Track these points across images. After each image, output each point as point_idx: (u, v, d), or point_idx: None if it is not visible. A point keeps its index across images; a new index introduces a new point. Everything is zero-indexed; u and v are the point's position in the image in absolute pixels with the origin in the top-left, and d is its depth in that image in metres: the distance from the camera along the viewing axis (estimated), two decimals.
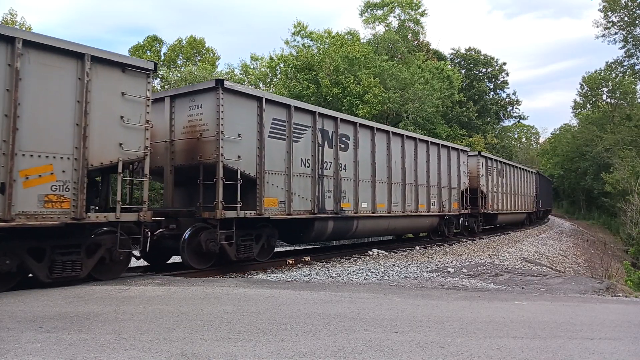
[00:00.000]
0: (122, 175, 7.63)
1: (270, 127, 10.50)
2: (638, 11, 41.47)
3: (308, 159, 11.50)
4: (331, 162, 12.22)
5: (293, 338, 4.40)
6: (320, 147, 11.85)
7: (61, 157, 6.97)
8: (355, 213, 12.88)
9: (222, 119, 9.25)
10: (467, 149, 20.85)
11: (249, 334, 4.49)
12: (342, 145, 12.69)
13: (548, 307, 6.57)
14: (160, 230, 9.21)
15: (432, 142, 17.43)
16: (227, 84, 9.42)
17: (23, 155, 6.60)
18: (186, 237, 9.12)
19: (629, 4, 41.53)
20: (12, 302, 5.81)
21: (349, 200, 12.75)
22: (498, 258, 14.37)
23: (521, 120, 62.79)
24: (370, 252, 13.99)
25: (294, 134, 11.08)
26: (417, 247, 15.98)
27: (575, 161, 54.14)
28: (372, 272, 10.10)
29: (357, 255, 13.49)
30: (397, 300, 6.59)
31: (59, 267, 7.09)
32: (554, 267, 15.83)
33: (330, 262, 12.00)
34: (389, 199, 14.46)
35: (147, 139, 7.99)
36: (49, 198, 6.82)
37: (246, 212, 9.70)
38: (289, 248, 15.66)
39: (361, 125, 13.55)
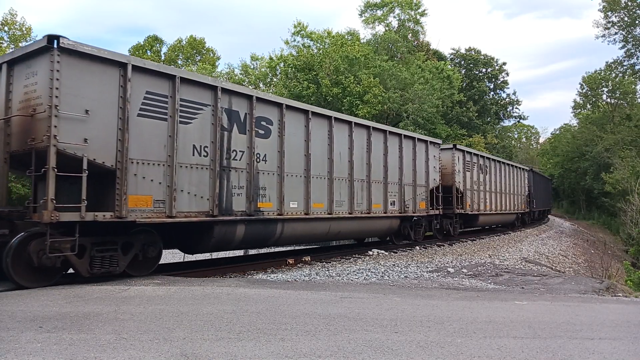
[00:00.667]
0: None
1: (143, 102, 8.08)
2: (638, 11, 41.51)
3: (206, 147, 9.12)
4: (243, 152, 9.85)
5: (293, 338, 4.40)
6: (225, 132, 9.48)
7: None
8: (279, 214, 10.59)
9: (56, 88, 6.99)
10: (438, 141, 18.02)
11: (249, 334, 4.49)
12: (261, 131, 10.30)
13: (548, 307, 6.57)
14: None
15: (391, 132, 14.88)
16: (65, 42, 7.09)
17: None
18: (13, 245, 6.95)
19: (629, 4, 41.58)
20: (12, 302, 5.81)
21: (271, 198, 10.44)
22: (498, 258, 14.37)
23: (521, 120, 62.90)
24: (370, 252, 13.99)
25: (183, 114, 8.70)
26: (417, 247, 15.98)
27: (575, 161, 54.20)
28: (372, 272, 10.10)
29: (357, 255, 13.49)
30: (397, 300, 6.59)
31: None
32: (554, 267, 15.84)
33: (330, 262, 12.00)
34: (330, 198, 12.08)
35: None
36: None
37: (97, 213, 7.39)
38: (289, 248, 15.65)
39: (289, 107, 11.12)
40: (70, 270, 7.74)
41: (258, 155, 10.22)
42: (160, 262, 11.16)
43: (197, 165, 8.97)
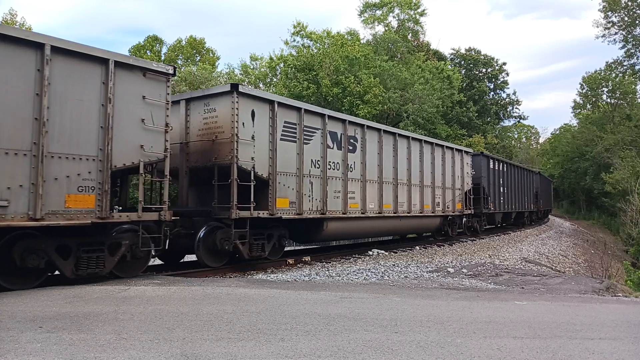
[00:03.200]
0: None
1: None
2: (638, 11, 41.52)
3: None
4: None
5: (293, 338, 4.40)
6: None
7: None
8: None
9: None
10: (165, 68, 8.38)
11: (249, 334, 4.49)
12: None
13: (548, 307, 6.57)
14: None
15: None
16: None
17: None
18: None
19: (629, 4, 41.58)
20: (12, 302, 5.81)
21: None
22: (498, 258, 14.37)
23: (521, 120, 62.85)
24: (370, 252, 13.99)
25: None
26: (417, 247, 15.97)
27: (575, 161, 54.22)
28: (372, 272, 10.10)
29: (357, 255, 13.49)
30: (397, 300, 6.59)
31: None
32: (554, 267, 15.83)
33: (330, 262, 12.00)
34: None
35: None
36: None
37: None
38: (289, 248, 15.65)
39: None
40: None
41: None
42: (160, 262, 11.19)
43: None
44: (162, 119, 8.32)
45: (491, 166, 23.39)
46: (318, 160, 11.92)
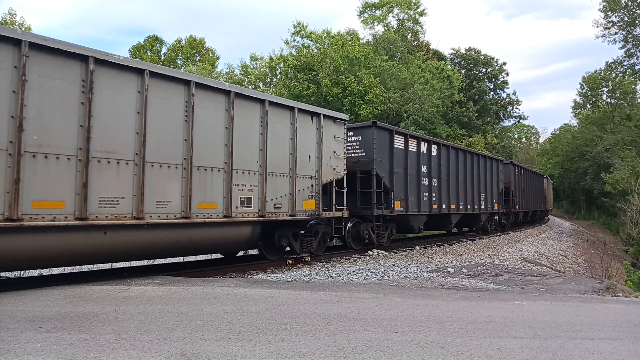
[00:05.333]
0: None
1: None
2: (638, 11, 41.55)
3: None
4: None
5: (293, 338, 4.40)
6: None
7: None
8: None
9: None
10: None
11: (249, 334, 4.49)
12: None
13: (548, 307, 6.57)
14: None
15: None
16: None
17: None
18: None
19: (629, 4, 41.62)
20: (12, 302, 5.81)
21: None
22: (498, 258, 14.37)
23: (521, 120, 62.86)
24: (370, 252, 13.99)
25: None
26: (417, 247, 15.97)
27: (575, 161, 54.26)
28: (372, 272, 10.10)
29: (357, 255, 13.48)
30: (397, 300, 6.59)
31: None
32: (554, 267, 15.83)
33: (330, 262, 12.00)
34: None
35: None
36: None
37: None
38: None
39: None
40: None
41: None
42: (160, 262, 11.19)
43: None
44: None
45: (398, 145, 15.16)
46: None
